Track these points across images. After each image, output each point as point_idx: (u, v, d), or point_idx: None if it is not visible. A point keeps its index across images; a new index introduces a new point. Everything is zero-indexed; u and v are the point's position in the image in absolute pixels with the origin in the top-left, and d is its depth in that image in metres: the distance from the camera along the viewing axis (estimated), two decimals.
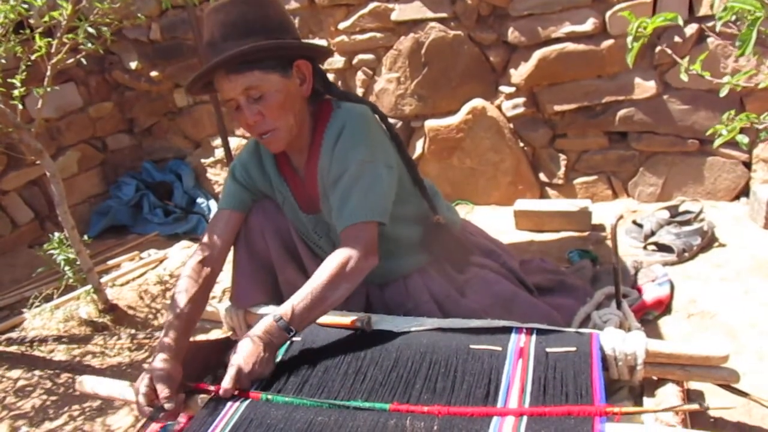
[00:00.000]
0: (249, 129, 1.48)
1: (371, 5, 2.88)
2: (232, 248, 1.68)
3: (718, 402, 1.44)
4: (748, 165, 2.56)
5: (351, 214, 1.42)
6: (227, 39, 1.40)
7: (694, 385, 1.47)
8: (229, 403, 1.25)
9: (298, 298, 1.35)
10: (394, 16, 2.85)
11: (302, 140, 1.57)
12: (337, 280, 1.37)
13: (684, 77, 1.24)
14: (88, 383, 1.53)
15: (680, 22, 1.20)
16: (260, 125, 1.46)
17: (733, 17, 1.14)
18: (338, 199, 1.46)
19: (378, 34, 2.93)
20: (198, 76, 1.44)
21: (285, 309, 1.34)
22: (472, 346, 1.32)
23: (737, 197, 2.61)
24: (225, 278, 2.34)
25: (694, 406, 1.12)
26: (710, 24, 2.36)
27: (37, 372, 2.10)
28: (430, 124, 2.96)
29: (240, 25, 1.41)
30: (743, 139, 1.23)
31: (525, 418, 1.10)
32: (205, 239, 1.61)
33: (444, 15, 2.77)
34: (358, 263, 1.39)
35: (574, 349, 1.26)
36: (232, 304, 1.72)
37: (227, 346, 1.57)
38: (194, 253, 1.58)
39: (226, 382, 1.26)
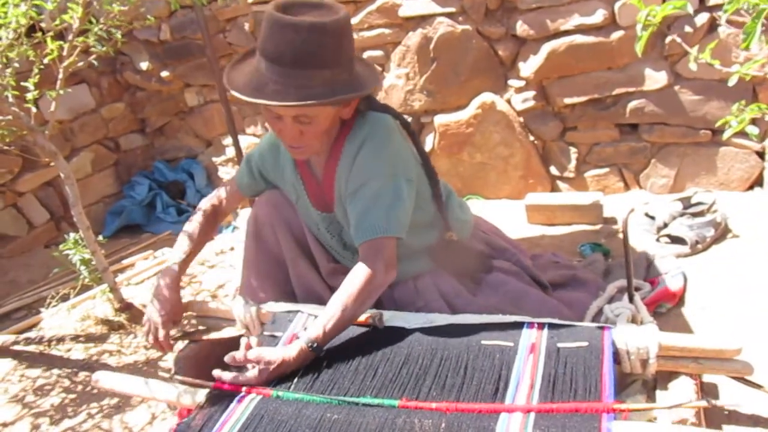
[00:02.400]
0: (281, 137, 1.48)
1: (379, 1, 2.88)
2: (242, 244, 1.74)
3: (732, 393, 1.43)
4: (761, 155, 2.53)
5: (372, 229, 1.43)
6: (297, 67, 1.34)
7: (707, 377, 1.46)
8: (237, 400, 1.26)
9: (329, 320, 1.36)
10: (401, 12, 2.85)
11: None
12: (362, 297, 1.39)
13: (693, 66, 1.24)
14: (103, 379, 1.55)
15: (690, 10, 1.19)
16: (295, 141, 1.45)
17: (745, 5, 1.13)
18: (359, 211, 1.46)
19: (386, 30, 2.93)
20: (257, 104, 1.38)
21: (317, 332, 1.34)
22: (483, 342, 1.32)
23: (751, 187, 2.59)
24: (236, 277, 2.35)
25: (702, 403, 1.12)
26: (721, 13, 2.33)
27: (55, 371, 2.12)
28: (440, 119, 2.96)
29: (317, 56, 1.35)
30: (753, 130, 1.22)
31: (533, 414, 1.10)
32: (216, 196, 1.78)
33: (452, 9, 2.76)
34: (381, 279, 1.42)
35: (585, 344, 1.26)
36: (239, 293, 1.75)
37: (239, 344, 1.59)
38: (206, 202, 1.77)
39: (250, 380, 1.30)
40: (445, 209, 1.70)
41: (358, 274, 1.41)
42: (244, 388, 1.29)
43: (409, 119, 3.03)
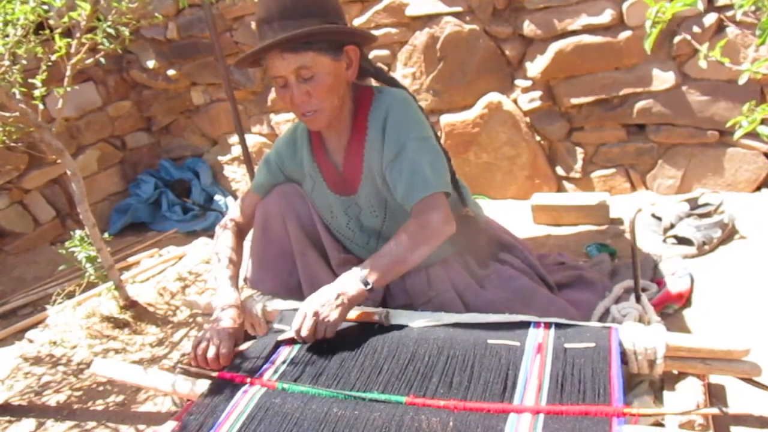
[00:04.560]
0: (293, 107, 1.51)
1: (386, 1, 2.87)
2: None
3: (739, 394, 1.42)
4: None
5: (423, 187, 1.46)
6: (285, 18, 1.43)
7: (715, 378, 1.46)
8: (242, 391, 1.26)
9: (382, 259, 1.40)
10: (408, 12, 2.84)
11: (341, 124, 1.61)
12: (418, 242, 1.42)
13: (703, 64, 1.23)
14: (100, 367, 1.57)
15: (700, 7, 1.18)
16: (306, 105, 1.49)
17: (753, 7, 1.12)
18: (405, 174, 1.48)
19: (393, 30, 2.93)
20: (253, 53, 1.46)
21: (367, 270, 1.39)
22: (489, 341, 1.32)
23: (758, 188, 2.58)
24: (240, 276, 2.35)
25: (714, 411, 1.12)
26: (730, 13, 2.32)
27: (60, 368, 2.13)
28: (446, 119, 2.95)
29: (299, 6, 1.44)
30: (764, 130, 1.21)
31: (542, 416, 1.10)
32: (236, 211, 1.75)
33: (459, 9, 2.76)
34: (440, 227, 1.45)
35: (592, 344, 1.25)
36: (245, 284, 1.76)
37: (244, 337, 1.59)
38: (226, 225, 1.74)
39: (305, 330, 1.34)
40: (459, 188, 1.73)
41: (415, 221, 1.44)
42: (248, 379, 1.29)
43: None
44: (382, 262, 1.41)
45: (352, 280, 1.40)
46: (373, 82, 1.71)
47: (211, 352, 1.39)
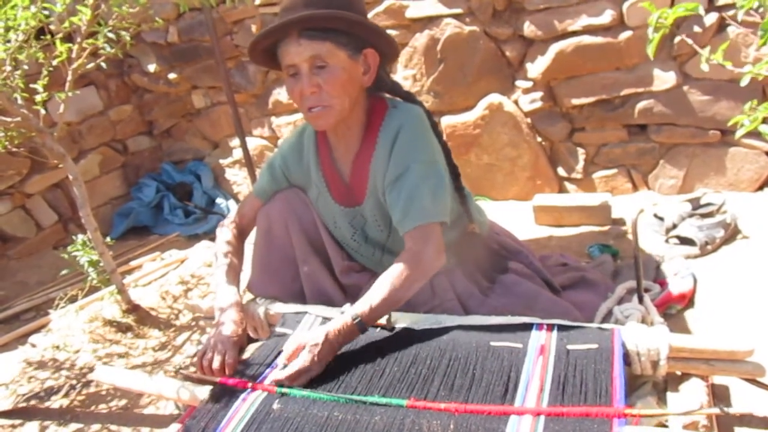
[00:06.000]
0: (300, 100, 1.47)
1: (386, 3, 2.88)
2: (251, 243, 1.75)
3: (743, 395, 1.42)
4: None
5: (419, 215, 1.44)
6: (310, 6, 1.39)
7: (718, 379, 1.45)
8: (242, 396, 1.26)
9: (376, 297, 1.37)
10: (408, 13, 2.84)
11: (352, 134, 1.57)
12: (411, 280, 1.40)
13: (705, 67, 1.23)
14: (103, 375, 1.57)
15: (701, 11, 1.18)
16: (314, 98, 1.45)
17: (756, 4, 1.12)
18: (403, 199, 1.46)
19: (393, 32, 2.93)
20: (270, 29, 1.42)
21: (363, 308, 1.36)
22: (492, 343, 1.32)
23: (761, 188, 2.57)
24: (242, 280, 2.35)
25: (715, 411, 1.12)
26: (731, 13, 2.32)
27: (63, 372, 2.13)
28: (447, 120, 2.95)
29: None
30: (766, 129, 1.21)
31: (542, 417, 1.10)
32: (236, 215, 1.75)
33: (459, 11, 2.76)
34: (431, 263, 1.43)
35: (595, 346, 1.25)
36: (247, 289, 1.76)
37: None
38: (226, 224, 1.73)
39: (288, 375, 1.29)
40: (467, 203, 1.71)
41: (408, 257, 1.41)
42: (250, 384, 1.30)
43: None
44: (378, 306, 1.37)
45: (349, 328, 1.35)
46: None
47: (216, 363, 1.39)
